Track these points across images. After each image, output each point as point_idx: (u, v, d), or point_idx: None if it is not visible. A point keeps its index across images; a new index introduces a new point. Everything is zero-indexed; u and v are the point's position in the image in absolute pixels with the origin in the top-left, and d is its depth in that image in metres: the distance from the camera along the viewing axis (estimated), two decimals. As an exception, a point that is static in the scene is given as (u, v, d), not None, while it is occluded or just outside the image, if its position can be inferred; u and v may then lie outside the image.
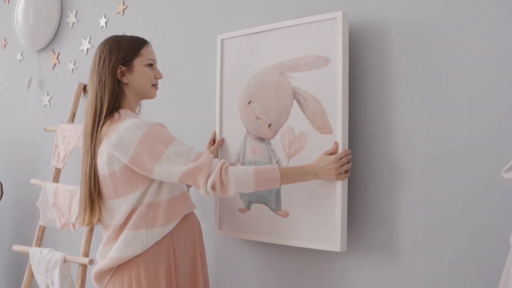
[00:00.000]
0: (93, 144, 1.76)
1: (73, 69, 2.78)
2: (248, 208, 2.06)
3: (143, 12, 2.50)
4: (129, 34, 1.91)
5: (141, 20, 2.50)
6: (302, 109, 1.90)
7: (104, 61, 1.79)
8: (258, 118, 2.02)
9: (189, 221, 1.89)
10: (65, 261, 2.44)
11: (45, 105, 2.92)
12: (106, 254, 1.81)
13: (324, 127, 1.84)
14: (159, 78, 1.88)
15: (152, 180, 1.76)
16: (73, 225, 2.49)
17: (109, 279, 1.79)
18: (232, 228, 2.12)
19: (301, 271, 1.97)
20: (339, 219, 1.79)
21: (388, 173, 1.77)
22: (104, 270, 1.78)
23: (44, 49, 2.92)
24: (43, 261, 2.51)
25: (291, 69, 1.93)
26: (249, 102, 2.05)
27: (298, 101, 1.91)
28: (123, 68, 1.79)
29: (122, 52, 1.79)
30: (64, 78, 2.83)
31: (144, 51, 1.83)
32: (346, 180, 1.79)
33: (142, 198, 1.75)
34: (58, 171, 2.69)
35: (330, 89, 1.82)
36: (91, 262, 2.39)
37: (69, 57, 2.80)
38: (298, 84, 1.91)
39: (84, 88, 2.72)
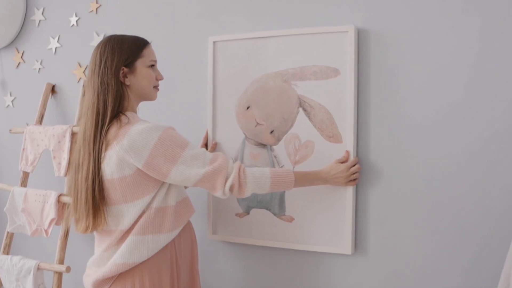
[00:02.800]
0: (97, 148, 1.62)
1: (39, 69, 2.56)
2: (247, 213, 2.01)
3: (118, 12, 2.34)
4: (128, 34, 1.77)
5: (116, 20, 2.34)
6: (309, 117, 1.88)
7: (105, 62, 1.66)
8: (258, 124, 1.97)
9: (187, 226, 1.82)
10: (38, 268, 2.29)
11: (8, 105, 2.69)
12: (106, 260, 1.70)
13: (333, 136, 1.84)
14: (160, 79, 1.78)
15: (162, 185, 1.67)
16: (46, 231, 2.33)
17: (109, 287, 1.69)
18: (228, 233, 2.05)
19: (305, 275, 1.95)
20: (349, 223, 1.81)
21: (394, 179, 1.81)
22: (107, 277, 1.66)
23: (6, 47, 2.64)
24: (13, 269, 2.33)
25: (296, 78, 1.90)
26: (248, 108, 1.99)
27: (305, 109, 1.88)
28: (125, 69, 1.68)
29: (125, 53, 1.68)
30: (30, 78, 2.59)
31: (146, 52, 1.73)
32: (355, 185, 1.82)
33: (151, 203, 1.66)
34: (26, 175, 2.48)
35: (340, 99, 1.82)
36: (68, 269, 2.24)
37: (35, 56, 2.57)
38: (305, 93, 1.89)
39: (53, 89, 2.57)
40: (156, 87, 1.78)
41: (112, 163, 1.61)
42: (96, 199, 1.64)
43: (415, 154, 1.77)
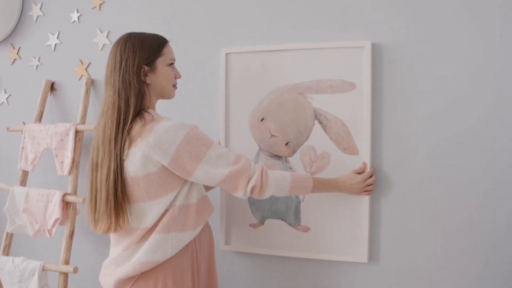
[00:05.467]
0: (119, 146, 1.59)
1: (37, 65, 2.46)
2: (262, 223, 2.02)
3: (123, 9, 2.28)
4: (145, 32, 1.73)
5: (121, 18, 2.28)
6: (325, 130, 1.90)
7: (127, 60, 1.62)
8: (273, 135, 1.98)
9: (206, 225, 1.81)
10: (43, 269, 2.21)
11: (2, 103, 2.58)
12: (126, 259, 1.67)
13: (349, 148, 1.87)
14: (178, 78, 1.76)
15: (184, 183, 1.66)
16: (49, 231, 2.24)
17: (130, 287, 1.65)
18: (242, 243, 2.06)
19: (321, 284, 1.99)
20: (365, 232, 1.87)
21: (406, 189, 1.86)
22: (130, 276, 1.63)
23: (1, 43, 2.52)
24: (16, 271, 2.24)
25: (312, 91, 1.92)
26: (262, 119, 1.99)
27: (321, 122, 1.91)
28: (146, 68, 1.65)
29: (146, 52, 1.65)
30: (26, 74, 2.49)
31: (166, 50, 1.70)
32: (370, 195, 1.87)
33: (174, 200, 1.64)
34: (25, 174, 2.40)
35: (356, 113, 1.86)
36: (76, 270, 2.17)
37: (32, 53, 2.47)
38: (320, 106, 1.91)
39: (52, 86, 2.47)
40: (174, 86, 1.76)
41: (136, 160, 1.58)
42: (118, 198, 1.61)
43: (426, 165, 1.83)
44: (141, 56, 1.64)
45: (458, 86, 1.78)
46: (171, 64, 1.72)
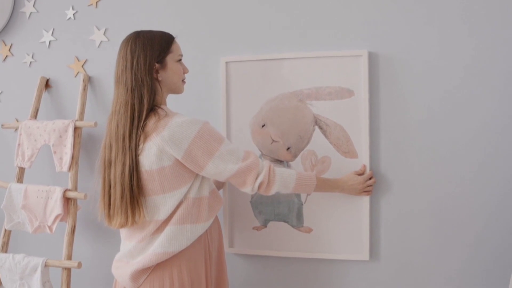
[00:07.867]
0: (134, 142, 1.64)
1: (31, 62, 2.45)
2: (265, 226, 2.10)
3: (120, 7, 2.30)
4: (151, 29, 1.76)
5: (117, 15, 2.30)
6: (325, 135, 2.00)
7: (138, 59, 1.67)
8: (274, 141, 2.06)
9: (215, 218, 1.89)
10: (45, 265, 2.23)
11: (-6, 99, 2.57)
12: (141, 251, 1.73)
13: (349, 152, 1.98)
14: (187, 72, 1.82)
15: (197, 176, 1.73)
16: (50, 228, 2.27)
17: (146, 278, 1.71)
18: (246, 246, 2.13)
19: (324, 282, 2.08)
20: (366, 231, 1.98)
21: (402, 189, 1.99)
22: (146, 267, 1.70)
23: None
24: (16, 268, 2.26)
25: (311, 97, 2.00)
26: (263, 126, 2.07)
27: (321, 127, 2.00)
28: (157, 65, 1.70)
29: (156, 50, 1.70)
30: (19, 71, 2.47)
31: (174, 47, 1.75)
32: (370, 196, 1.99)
33: (188, 193, 1.71)
34: (22, 171, 2.40)
35: (355, 118, 1.97)
36: (80, 265, 2.21)
37: (25, 49, 2.45)
38: (320, 112, 2.00)
39: (47, 83, 2.46)
40: (183, 81, 1.81)
41: (151, 154, 1.63)
42: (134, 192, 1.65)
43: (422, 167, 1.95)
44: (152, 54, 1.69)
45: (451, 91, 1.91)
46: (180, 60, 1.78)
